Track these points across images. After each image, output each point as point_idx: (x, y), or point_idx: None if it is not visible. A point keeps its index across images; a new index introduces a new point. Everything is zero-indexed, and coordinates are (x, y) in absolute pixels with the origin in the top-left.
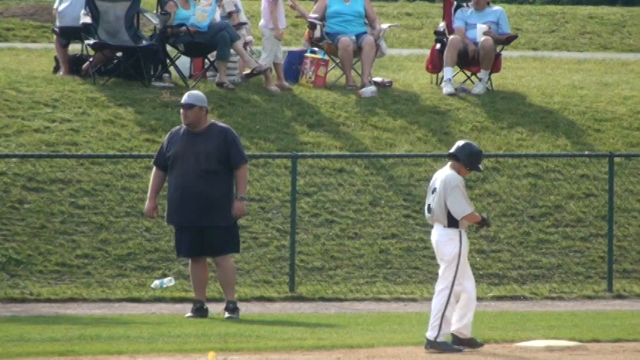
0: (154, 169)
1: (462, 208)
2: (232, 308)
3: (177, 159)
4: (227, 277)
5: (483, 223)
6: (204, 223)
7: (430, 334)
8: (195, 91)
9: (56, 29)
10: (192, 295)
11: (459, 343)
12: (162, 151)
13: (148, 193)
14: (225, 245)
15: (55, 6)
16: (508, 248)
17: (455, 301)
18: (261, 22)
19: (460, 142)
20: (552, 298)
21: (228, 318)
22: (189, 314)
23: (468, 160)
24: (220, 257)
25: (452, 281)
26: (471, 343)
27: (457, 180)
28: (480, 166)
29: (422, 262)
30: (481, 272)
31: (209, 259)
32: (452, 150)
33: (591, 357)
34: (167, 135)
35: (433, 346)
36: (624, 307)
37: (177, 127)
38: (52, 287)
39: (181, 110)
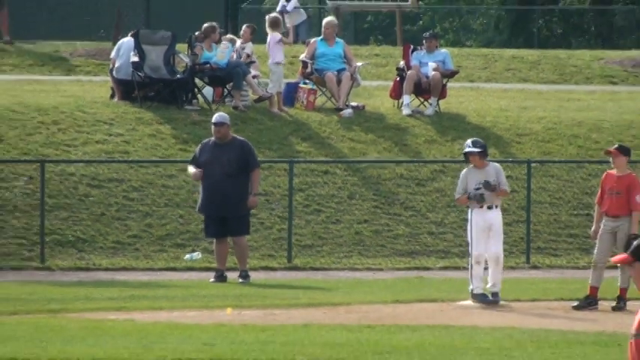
0: (191, 166)
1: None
2: (244, 275)
3: (207, 164)
4: (242, 252)
5: (471, 198)
6: (226, 213)
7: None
8: (223, 113)
9: (113, 75)
10: (214, 265)
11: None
12: (195, 157)
13: (194, 170)
14: (242, 229)
15: (112, 56)
16: (451, 231)
17: (476, 263)
18: (269, 60)
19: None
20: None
21: (241, 283)
22: (212, 280)
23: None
24: (237, 237)
25: (469, 249)
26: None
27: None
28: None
29: (387, 241)
30: (431, 249)
31: (228, 239)
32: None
33: (514, 312)
34: (199, 145)
35: (471, 296)
36: (538, 275)
37: (207, 139)
38: (109, 259)
39: (213, 127)
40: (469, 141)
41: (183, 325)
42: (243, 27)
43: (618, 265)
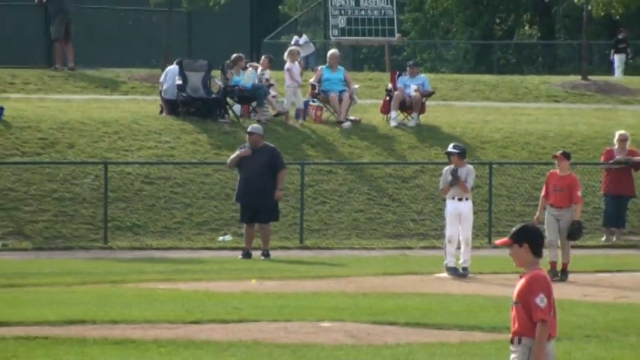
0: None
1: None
2: (266, 254)
3: (244, 165)
4: (266, 235)
5: (447, 173)
6: (257, 204)
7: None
8: (257, 125)
9: (162, 95)
10: (242, 245)
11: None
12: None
13: (236, 156)
14: (270, 217)
15: (161, 80)
16: (429, 218)
17: (449, 242)
18: (286, 82)
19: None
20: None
21: (263, 259)
22: (240, 256)
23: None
24: (265, 224)
25: (444, 231)
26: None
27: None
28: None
29: (378, 226)
30: (413, 232)
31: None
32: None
33: (479, 283)
34: (238, 148)
35: (445, 269)
36: (498, 253)
37: (244, 144)
38: (159, 240)
39: (248, 136)
40: (452, 144)
41: (217, 293)
42: (262, 57)
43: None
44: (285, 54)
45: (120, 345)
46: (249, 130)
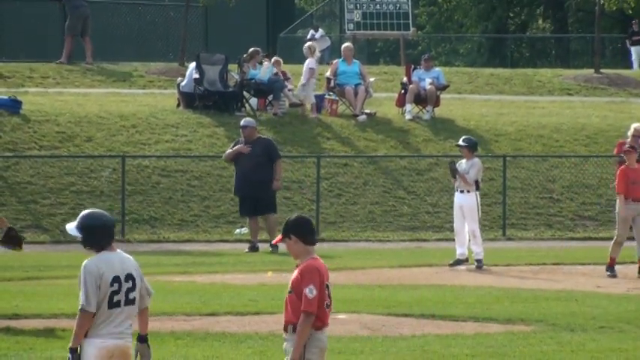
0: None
1: None
2: (273, 246)
3: (240, 158)
4: (272, 227)
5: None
6: (255, 195)
7: None
8: (249, 118)
9: (180, 89)
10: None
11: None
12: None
13: (232, 151)
14: (269, 207)
15: (179, 81)
16: (444, 210)
17: (455, 235)
18: (305, 79)
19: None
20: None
21: (271, 252)
22: (246, 250)
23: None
24: (266, 215)
25: None
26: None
27: None
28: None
29: (393, 219)
30: (428, 225)
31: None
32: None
33: (493, 275)
34: (233, 143)
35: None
36: (512, 245)
37: (239, 138)
38: (175, 233)
39: (242, 129)
40: (462, 137)
41: (233, 285)
42: (274, 58)
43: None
44: (306, 50)
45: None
46: (242, 123)
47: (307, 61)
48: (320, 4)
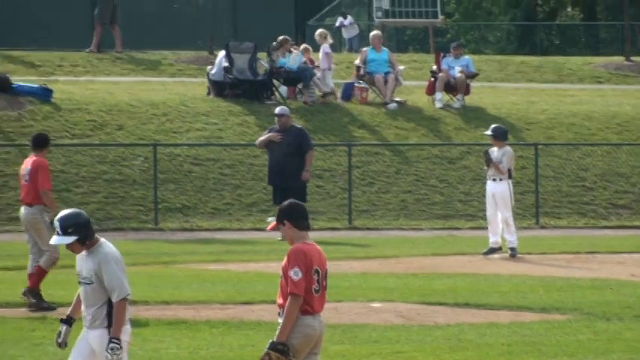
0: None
1: None
2: None
3: (272, 146)
4: None
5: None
6: (285, 184)
7: None
8: (284, 106)
9: (211, 78)
10: None
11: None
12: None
13: (265, 138)
14: (299, 197)
15: (208, 69)
16: (476, 199)
17: (488, 223)
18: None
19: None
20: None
21: None
22: (279, 238)
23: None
24: None
25: None
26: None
27: None
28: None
29: (426, 207)
30: (461, 213)
31: None
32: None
33: (528, 263)
34: (267, 129)
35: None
36: (546, 234)
37: (273, 125)
38: (208, 221)
39: (277, 118)
40: (491, 127)
41: (267, 273)
42: (303, 45)
43: None
44: (317, 37)
45: (172, 325)
46: (277, 112)
47: (322, 47)
48: None
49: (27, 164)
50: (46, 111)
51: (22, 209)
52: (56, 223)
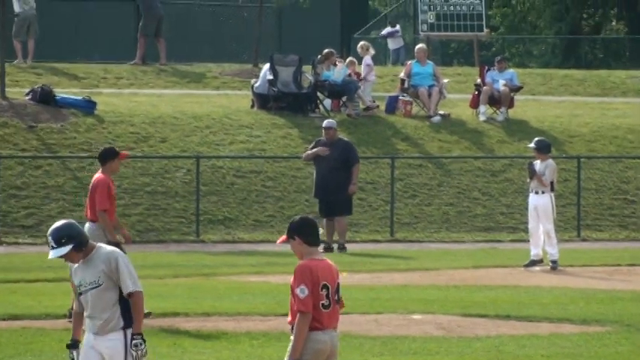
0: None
1: None
2: (342, 247)
3: (319, 159)
4: (342, 228)
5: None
6: (333, 197)
7: None
8: (331, 119)
9: (255, 91)
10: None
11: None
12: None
13: (312, 153)
14: (344, 210)
15: (253, 82)
16: (518, 211)
17: (530, 236)
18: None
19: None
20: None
21: (339, 252)
22: (321, 250)
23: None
24: (340, 217)
25: None
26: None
27: None
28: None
29: (468, 220)
30: (503, 226)
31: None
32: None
33: (569, 275)
34: (314, 142)
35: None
36: (587, 246)
37: (319, 138)
38: (250, 234)
39: (325, 130)
40: (534, 139)
41: None
42: (349, 59)
43: None
44: (360, 49)
45: (212, 337)
46: (325, 125)
47: (364, 59)
48: (394, 5)
49: (92, 179)
50: (89, 123)
51: (87, 224)
52: (48, 238)
